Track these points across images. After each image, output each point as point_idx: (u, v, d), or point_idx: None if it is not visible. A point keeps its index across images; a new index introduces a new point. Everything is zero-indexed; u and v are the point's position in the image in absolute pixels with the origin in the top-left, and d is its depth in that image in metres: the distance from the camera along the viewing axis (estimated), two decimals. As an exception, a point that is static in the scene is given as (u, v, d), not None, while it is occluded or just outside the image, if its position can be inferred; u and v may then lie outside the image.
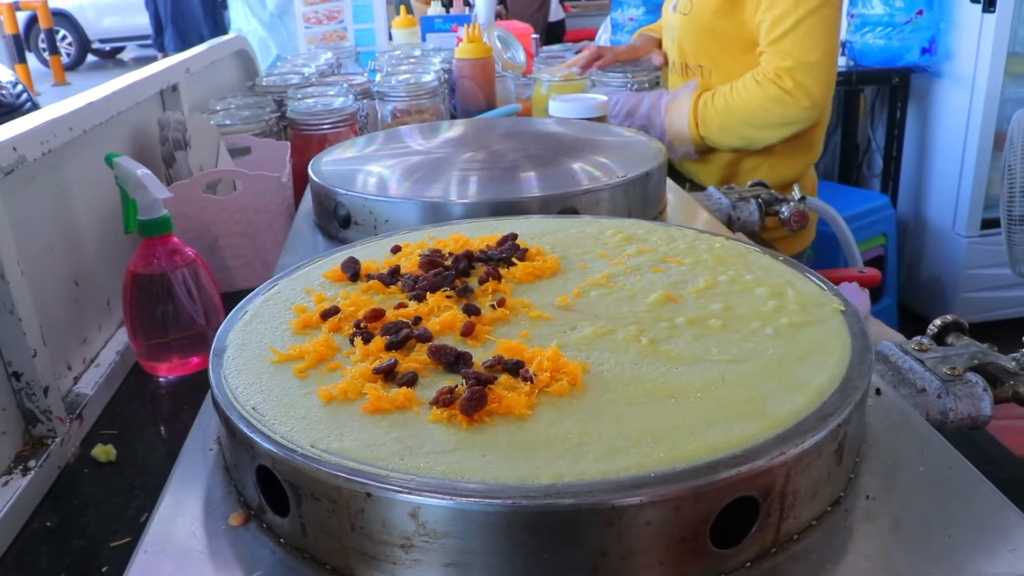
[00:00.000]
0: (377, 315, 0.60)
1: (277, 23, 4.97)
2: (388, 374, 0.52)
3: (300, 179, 1.35)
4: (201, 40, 5.79)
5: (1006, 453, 0.90)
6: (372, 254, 0.75)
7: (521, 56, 2.06)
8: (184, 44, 5.77)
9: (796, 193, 1.24)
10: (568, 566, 0.42)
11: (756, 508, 0.44)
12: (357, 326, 0.59)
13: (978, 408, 0.67)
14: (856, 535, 0.48)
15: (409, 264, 0.70)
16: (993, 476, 0.52)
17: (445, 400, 0.49)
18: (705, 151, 1.79)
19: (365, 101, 1.68)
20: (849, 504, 0.50)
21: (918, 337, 0.76)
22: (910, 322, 3.18)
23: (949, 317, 0.78)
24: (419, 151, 1.13)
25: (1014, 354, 0.72)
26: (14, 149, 0.88)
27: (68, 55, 11.21)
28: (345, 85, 1.68)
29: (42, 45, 10.52)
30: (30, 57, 9.78)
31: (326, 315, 0.61)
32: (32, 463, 0.86)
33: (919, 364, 0.70)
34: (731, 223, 1.18)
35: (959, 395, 0.67)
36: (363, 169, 1.05)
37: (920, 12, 3.05)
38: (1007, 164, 2.38)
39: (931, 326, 0.78)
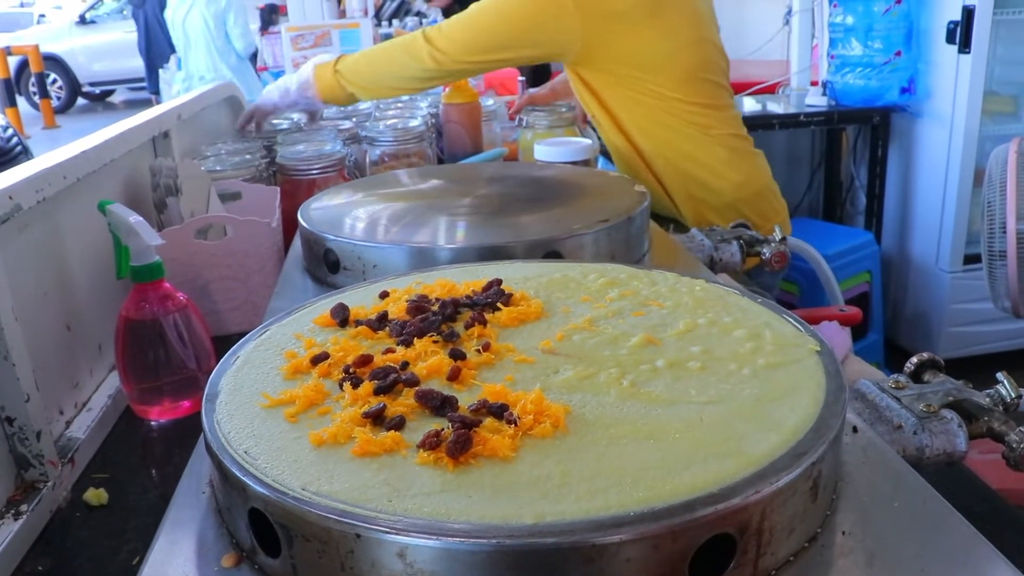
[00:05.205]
0: (366, 360, 0.62)
1: (245, 67, 5.04)
2: (377, 418, 0.54)
3: (289, 223, 1.37)
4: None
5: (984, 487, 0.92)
6: (361, 299, 0.77)
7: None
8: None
9: (777, 234, 1.26)
10: (552, 604, 0.43)
11: (734, 545, 0.46)
12: (346, 371, 0.61)
13: (953, 444, 0.68)
14: (832, 570, 0.49)
15: (397, 309, 0.72)
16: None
17: (432, 443, 0.50)
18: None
19: (353, 146, 1.70)
20: (826, 540, 0.52)
21: (895, 375, 0.78)
22: (897, 357, 3.20)
23: (925, 355, 0.80)
24: (406, 196, 1.15)
25: (988, 391, 0.74)
26: (10, 198, 0.90)
27: (58, 98, 11.27)
28: (334, 130, 1.71)
29: (32, 89, 10.58)
30: (20, 101, 9.84)
31: (316, 360, 0.63)
32: (24, 507, 0.86)
33: (896, 401, 0.72)
34: (713, 264, 1.20)
35: (935, 431, 0.68)
36: (352, 215, 1.07)
37: (898, 53, 3.11)
38: (986, 200, 2.42)
39: (908, 364, 0.80)
